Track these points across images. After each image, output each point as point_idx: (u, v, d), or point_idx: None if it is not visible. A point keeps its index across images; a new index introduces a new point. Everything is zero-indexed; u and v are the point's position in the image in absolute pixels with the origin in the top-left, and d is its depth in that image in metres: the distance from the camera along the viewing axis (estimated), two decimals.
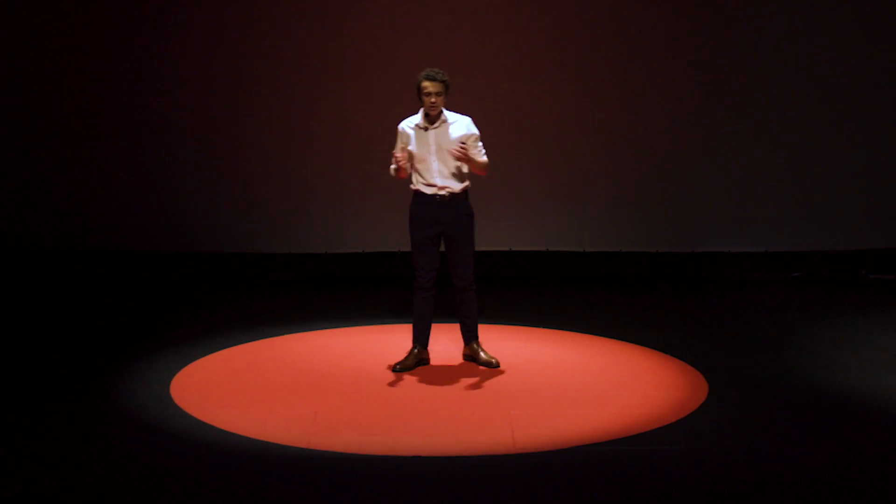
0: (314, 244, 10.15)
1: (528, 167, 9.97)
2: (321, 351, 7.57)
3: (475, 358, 7.18)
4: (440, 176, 6.90)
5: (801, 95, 10.11)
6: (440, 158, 6.90)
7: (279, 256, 10.12)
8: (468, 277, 7.03)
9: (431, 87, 6.80)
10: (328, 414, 6.19)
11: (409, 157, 6.95)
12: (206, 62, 9.92)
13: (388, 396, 6.54)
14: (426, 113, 6.90)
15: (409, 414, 6.25)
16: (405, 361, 7.06)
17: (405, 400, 6.48)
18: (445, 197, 6.92)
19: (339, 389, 6.65)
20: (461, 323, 7.19)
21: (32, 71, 9.88)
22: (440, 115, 6.91)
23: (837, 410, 6.34)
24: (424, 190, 6.95)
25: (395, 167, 6.96)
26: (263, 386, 6.72)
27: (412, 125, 6.95)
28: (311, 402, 6.41)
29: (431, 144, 6.90)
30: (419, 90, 6.86)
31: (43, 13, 9.80)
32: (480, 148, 6.98)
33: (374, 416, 6.19)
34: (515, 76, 9.87)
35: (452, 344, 7.46)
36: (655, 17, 10.02)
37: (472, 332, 7.20)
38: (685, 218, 10.23)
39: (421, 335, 7.11)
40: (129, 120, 9.96)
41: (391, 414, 6.24)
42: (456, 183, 6.93)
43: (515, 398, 6.51)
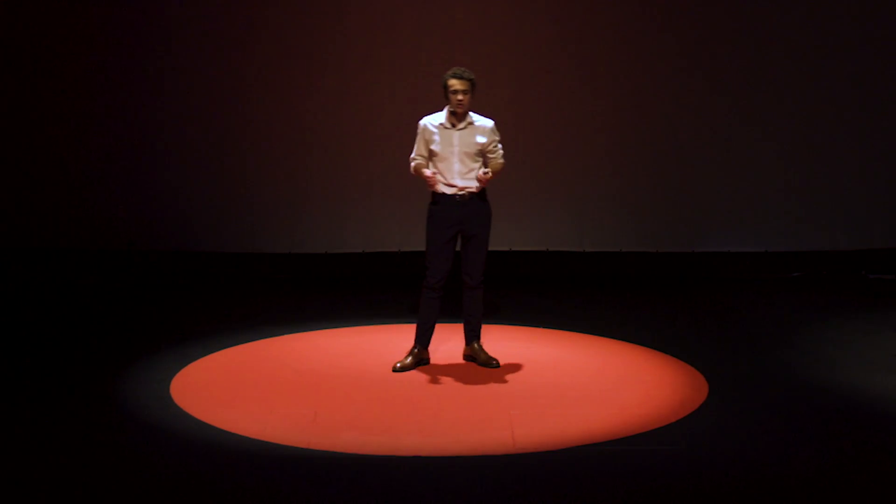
0: (314, 244, 10.15)
1: (528, 167, 9.96)
2: (321, 351, 7.56)
3: (475, 358, 7.18)
4: (460, 176, 6.89)
5: (801, 95, 10.11)
6: (462, 159, 6.88)
7: (279, 256, 10.11)
8: (479, 276, 7.03)
9: (459, 85, 6.76)
10: (328, 414, 6.19)
11: (429, 154, 6.93)
12: (205, 62, 9.92)
13: (388, 396, 6.54)
14: (453, 112, 6.87)
15: (409, 414, 6.25)
16: (405, 361, 7.05)
17: (405, 400, 6.48)
18: (465, 196, 6.90)
19: (339, 389, 6.65)
20: (465, 322, 7.19)
21: (32, 71, 9.87)
22: (466, 115, 6.89)
23: (837, 410, 6.34)
24: (445, 190, 6.91)
25: (428, 174, 6.84)
26: (263, 386, 6.72)
27: (436, 123, 6.90)
28: (311, 402, 6.41)
29: (456, 145, 6.87)
30: (445, 88, 6.81)
31: (43, 13, 9.79)
32: (500, 151, 6.98)
33: (374, 416, 6.19)
34: (515, 76, 9.86)
35: (452, 344, 7.46)
36: (656, 17, 10.01)
37: (475, 331, 7.20)
38: (685, 218, 10.23)
39: (424, 335, 7.10)
40: (128, 120, 9.95)
41: (391, 414, 6.24)
42: (476, 183, 6.92)
43: (515, 398, 6.51)
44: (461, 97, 6.77)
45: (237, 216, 10.09)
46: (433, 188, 6.90)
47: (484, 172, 6.83)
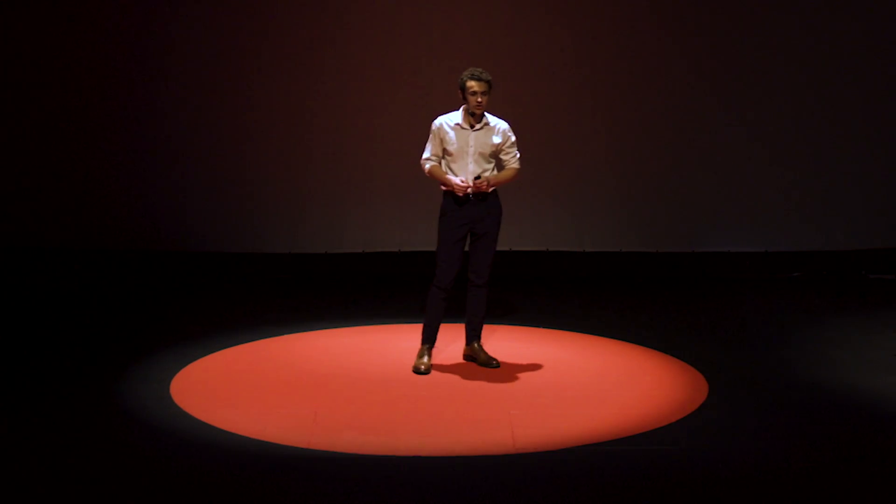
0: (314, 244, 10.14)
1: (528, 167, 9.90)
2: (321, 351, 7.56)
3: (475, 358, 7.18)
4: (474, 177, 6.89)
5: (801, 95, 10.11)
6: (477, 160, 6.89)
7: (279, 256, 10.11)
8: (486, 275, 7.04)
9: (478, 86, 6.77)
10: (328, 414, 6.18)
11: (442, 153, 6.93)
12: (206, 62, 9.91)
13: (388, 396, 6.53)
14: (471, 112, 6.87)
15: (409, 414, 6.25)
16: (424, 361, 7.00)
17: (405, 400, 6.48)
18: (479, 196, 6.90)
19: (339, 389, 6.65)
20: (468, 321, 7.18)
21: (33, 71, 9.87)
22: (483, 116, 6.90)
23: (837, 410, 6.34)
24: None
25: (458, 183, 6.77)
26: (263, 386, 6.72)
27: (452, 123, 6.90)
28: (311, 402, 6.41)
29: (471, 146, 6.87)
30: (464, 90, 6.80)
31: (44, 13, 9.79)
32: (515, 153, 6.98)
33: (374, 416, 6.19)
34: (515, 76, 9.86)
35: (452, 344, 7.46)
36: (656, 17, 10.02)
37: (476, 331, 7.20)
38: (685, 218, 10.23)
39: (433, 335, 7.10)
40: (128, 120, 9.94)
41: (391, 414, 6.24)
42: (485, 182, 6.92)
43: (515, 398, 6.51)
44: (480, 98, 6.78)
45: (237, 216, 10.09)
46: (457, 192, 6.84)
47: (476, 178, 6.81)
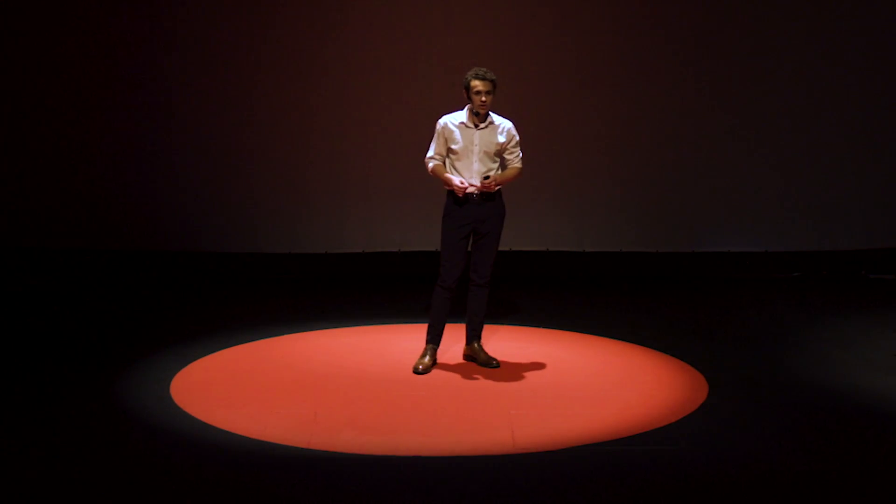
0: (314, 244, 10.15)
1: (528, 167, 9.92)
2: (321, 351, 7.56)
3: (475, 358, 7.18)
4: (479, 176, 6.88)
5: (800, 95, 10.11)
6: (482, 159, 6.89)
7: (279, 256, 10.11)
8: (487, 275, 7.05)
9: (482, 86, 6.78)
10: (328, 414, 6.19)
11: (446, 153, 6.93)
12: (206, 62, 9.92)
13: (388, 396, 6.53)
14: (475, 112, 6.87)
15: (409, 414, 6.25)
16: (425, 361, 7.02)
17: (405, 400, 6.48)
18: (483, 196, 6.91)
19: (339, 389, 6.65)
20: (469, 320, 7.19)
21: (33, 71, 9.87)
22: (487, 115, 6.90)
23: (837, 410, 6.34)
24: None
25: (458, 184, 6.79)
26: (263, 386, 6.72)
27: (457, 122, 6.91)
28: (311, 402, 6.41)
29: (476, 144, 6.88)
30: (468, 89, 6.81)
31: (44, 13, 9.79)
32: (518, 153, 6.99)
33: (374, 416, 6.19)
34: (515, 76, 9.85)
35: (452, 344, 7.46)
36: (656, 18, 10.02)
37: (476, 331, 7.20)
38: (685, 218, 10.23)
39: (438, 334, 7.10)
40: (128, 120, 9.95)
41: (391, 414, 6.24)
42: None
43: (515, 398, 6.51)
44: (484, 98, 6.79)
45: (237, 216, 10.09)
46: (458, 195, 6.86)
47: (485, 178, 6.83)
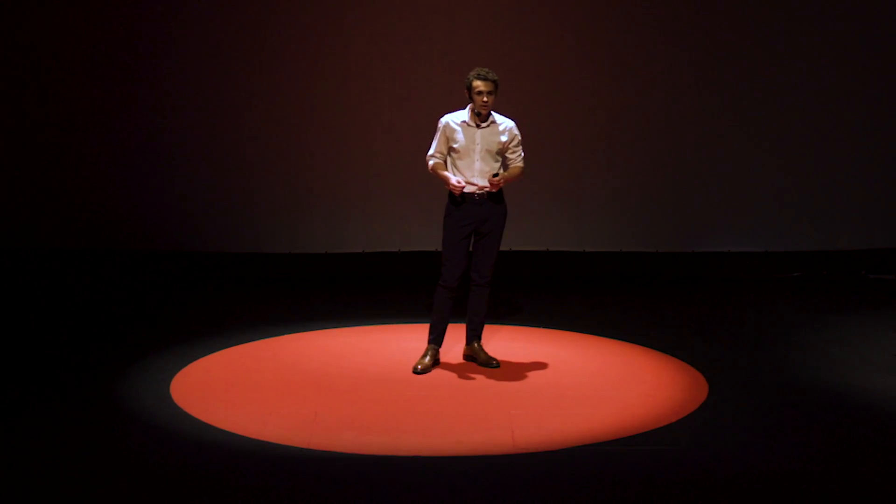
0: (314, 244, 10.14)
1: (527, 167, 9.94)
2: (321, 351, 7.56)
3: (475, 358, 7.18)
4: (480, 176, 6.89)
5: (800, 95, 10.11)
6: (484, 158, 6.90)
7: (279, 256, 10.11)
8: (488, 275, 7.05)
9: (484, 86, 6.79)
10: (328, 414, 6.19)
11: (447, 152, 6.93)
12: (206, 62, 9.91)
13: (388, 396, 6.54)
14: (477, 112, 6.87)
15: (409, 414, 6.25)
16: (425, 362, 7.02)
17: (405, 400, 6.48)
18: (484, 196, 6.91)
19: (339, 389, 6.65)
20: (469, 320, 7.19)
21: (33, 71, 9.87)
22: (489, 115, 6.91)
23: (837, 410, 6.34)
24: (464, 188, 6.91)
25: (454, 183, 6.80)
26: (263, 386, 6.72)
27: (459, 121, 6.92)
28: (311, 402, 6.41)
29: (478, 143, 6.89)
30: (470, 89, 6.82)
31: (45, 14, 9.79)
32: (520, 152, 6.99)
33: (374, 416, 6.19)
34: (515, 76, 9.85)
35: (452, 344, 7.46)
36: (655, 17, 10.01)
37: (477, 331, 7.20)
38: (685, 218, 10.23)
39: (440, 335, 7.10)
40: (128, 120, 9.94)
41: (391, 414, 6.24)
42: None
43: (515, 398, 6.51)
44: (486, 98, 6.80)
45: (237, 216, 10.09)
46: (453, 191, 6.87)
47: (494, 176, 6.84)
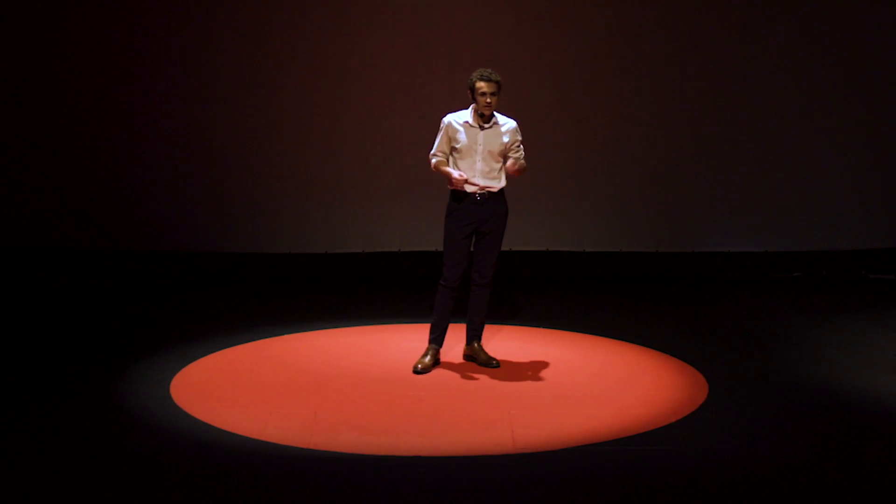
0: (314, 244, 10.15)
1: (528, 167, 9.95)
2: (321, 351, 7.56)
3: (475, 358, 7.18)
4: (482, 176, 6.90)
5: (800, 95, 10.12)
6: (485, 158, 6.90)
7: (279, 256, 10.11)
8: (489, 274, 7.05)
9: (487, 87, 6.79)
10: (328, 414, 6.18)
11: (450, 151, 6.94)
12: (206, 62, 9.92)
13: (388, 396, 6.53)
14: (480, 113, 6.88)
15: (409, 414, 6.25)
16: (425, 361, 7.02)
17: (405, 400, 6.47)
18: (486, 196, 6.92)
19: (339, 389, 6.65)
20: (469, 320, 7.19)
21: (33, 71, 9.87)
22: (492, 115, 6.91)
23: (837, 410, 6.34)
24: (466, 188, 6.91)
25: (457, 177, 6.81)
26: (263, 386, 6.72)
27: (461, 121, 6.92)
28: (311, 402, 6.41)
29: (480, 144, 6.89)
30: (473, 90, 6.83)
31: (45, 14, 9.79)
32: (522, 153, 7.01)
33: (374, 416, 6.19)
34: (515, 76, 9.85)
35: (452, 344, 7.46)
36: (655, 18, 10.02)
37: (477, 331, 7.20)
38: (685, 218, 10.24)
39: (441, 334, 7.10)
40: (128, 120, 9.95)
41: (391, 414, 6.24)
42: (496, 182, 6.94)
43: (515, 398, 6.51)
44: (489, 99, 6.80)
45: (237, 216, 10.09)
46: (457, 188, 6.89)
47: (513, 162, 6.88)
